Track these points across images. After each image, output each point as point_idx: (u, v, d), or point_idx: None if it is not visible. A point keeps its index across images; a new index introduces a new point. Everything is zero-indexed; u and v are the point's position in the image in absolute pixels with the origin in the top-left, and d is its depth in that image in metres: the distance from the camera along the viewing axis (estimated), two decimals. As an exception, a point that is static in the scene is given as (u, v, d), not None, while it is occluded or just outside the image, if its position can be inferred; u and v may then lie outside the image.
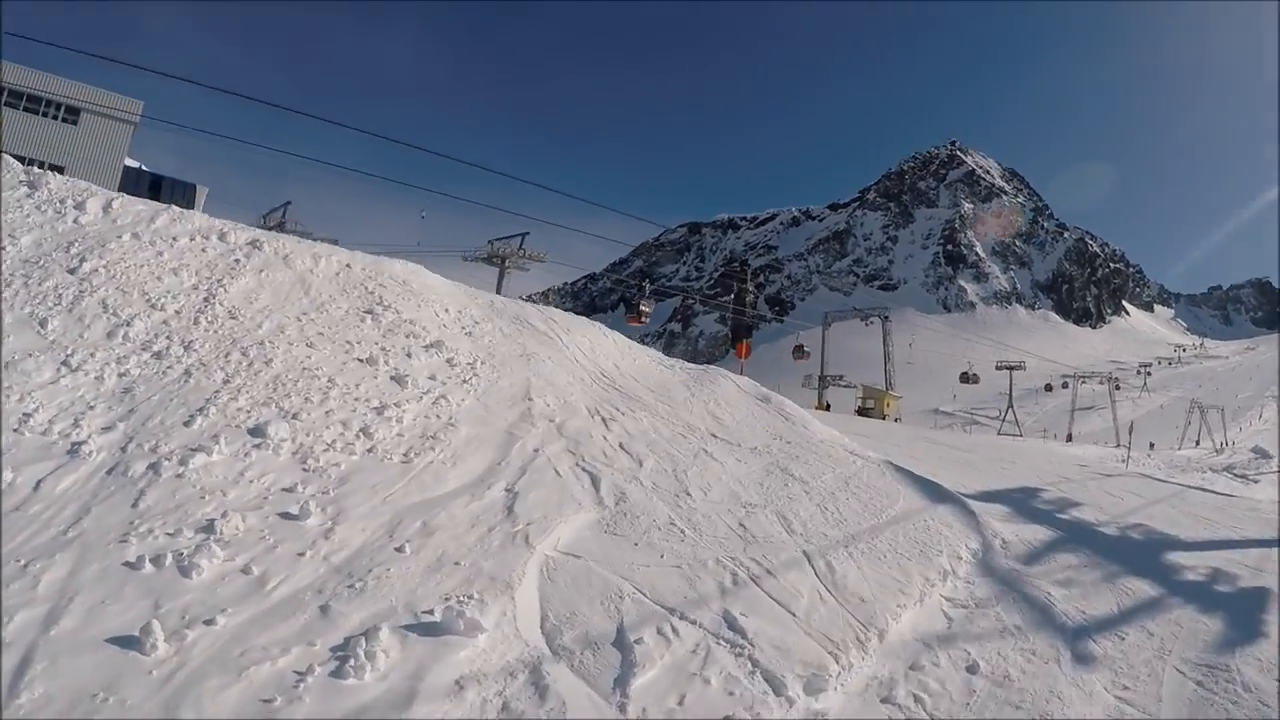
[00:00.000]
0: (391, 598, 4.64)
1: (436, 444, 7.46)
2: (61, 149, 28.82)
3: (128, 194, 31.40)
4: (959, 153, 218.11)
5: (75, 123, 29.29)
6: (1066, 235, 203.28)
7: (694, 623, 5.07)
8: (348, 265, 11.69)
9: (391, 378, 8.76)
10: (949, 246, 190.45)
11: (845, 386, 53.57)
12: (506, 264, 39.03)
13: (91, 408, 5.99)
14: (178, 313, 7.86)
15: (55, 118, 28.90)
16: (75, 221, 8.83)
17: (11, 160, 9.91)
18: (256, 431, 6.31)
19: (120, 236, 8.80)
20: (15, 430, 5.36)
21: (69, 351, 6.54)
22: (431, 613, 4.53)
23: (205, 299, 8.38)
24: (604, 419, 10.03)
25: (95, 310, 7.27)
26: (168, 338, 7.35)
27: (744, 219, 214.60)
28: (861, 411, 44.45)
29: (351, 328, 9.73)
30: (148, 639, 3.76)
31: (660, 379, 13.54)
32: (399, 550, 5.23)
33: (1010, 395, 63.80)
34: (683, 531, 6.64)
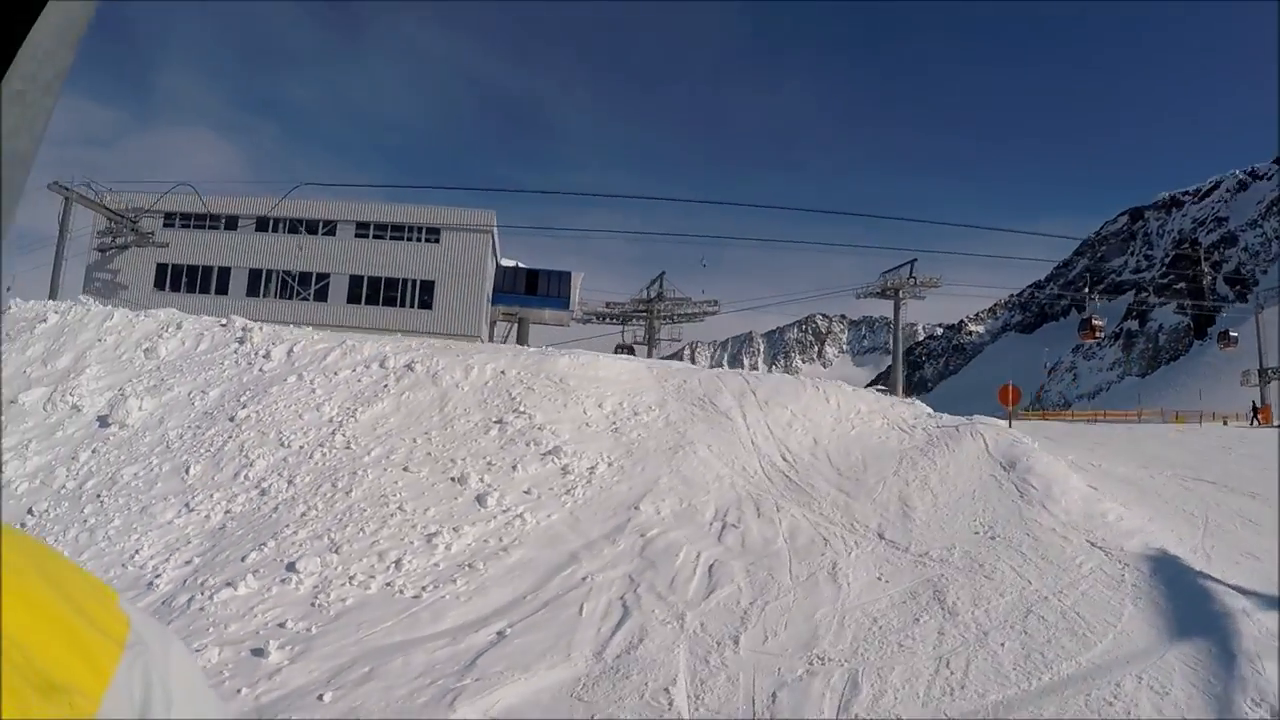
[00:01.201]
0: (266, 751, 5.99)
1: (468, 575, 8.71)
2: (428, 266, 37.51)
3: (503, 291, 40.27)
4: None
5: (437, 241, 37.96)
6: None
7: None
8: (502, 372, 13.84)
9: (476, 498, 10.34)
10: None
11: None
12: (900, 295, 43.89)
13: (188, 543, 8.67)
14: (301, 448, 10.59)
15: (419, 240, 37.87)
16: (260, 370, 12.41)
17: (237, 319, 14.21)
18: (291, 566, 8.35)
19: (286, 379, 12.11)
20: (122, 565, 8.14)
21: (195, 494, 9.48)
22: (277, 773, 5.76)
23: (332, 431, 11.06)
24: (725, 525, 10.12)
25: (232, 453, 10.31)
26: (279, 474, 10.02)
27: (1186, 194, 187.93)
28: None
29: (468, 442, 11.66)
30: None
31: (870, 451, 12.96)
32: (319, 699, 6.58)
33: None
34: (669, 704, 6.15)
